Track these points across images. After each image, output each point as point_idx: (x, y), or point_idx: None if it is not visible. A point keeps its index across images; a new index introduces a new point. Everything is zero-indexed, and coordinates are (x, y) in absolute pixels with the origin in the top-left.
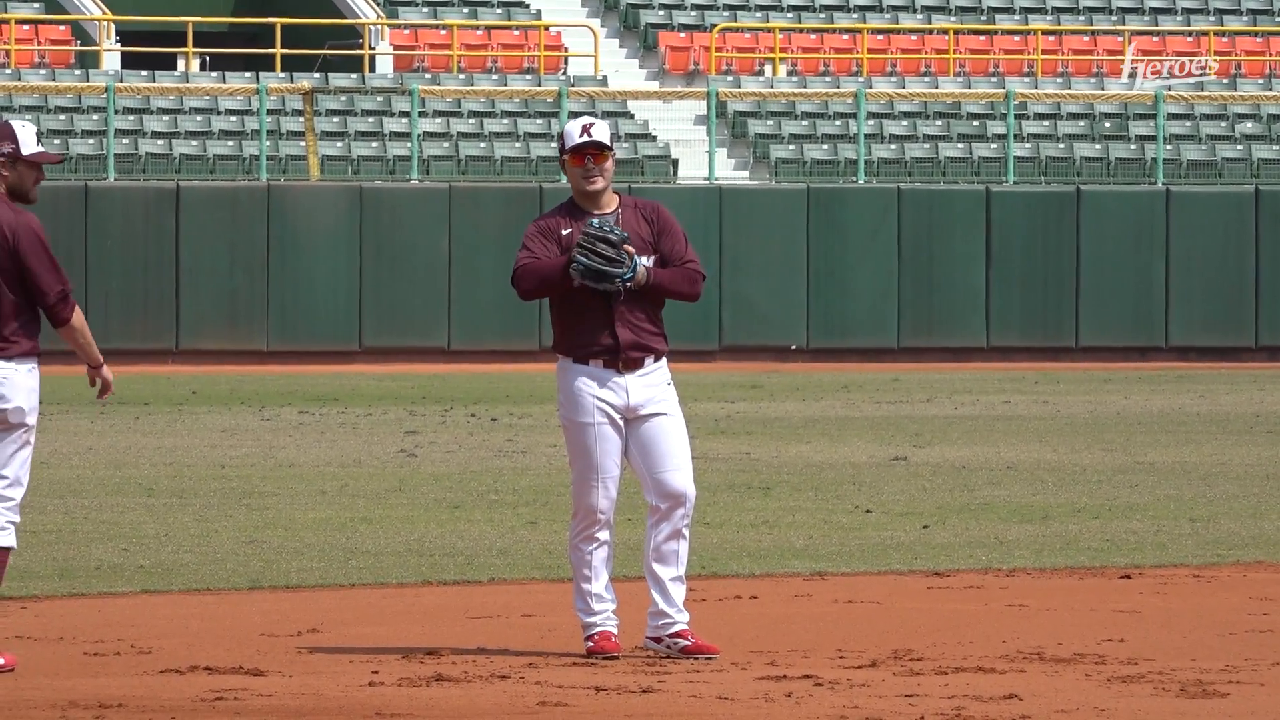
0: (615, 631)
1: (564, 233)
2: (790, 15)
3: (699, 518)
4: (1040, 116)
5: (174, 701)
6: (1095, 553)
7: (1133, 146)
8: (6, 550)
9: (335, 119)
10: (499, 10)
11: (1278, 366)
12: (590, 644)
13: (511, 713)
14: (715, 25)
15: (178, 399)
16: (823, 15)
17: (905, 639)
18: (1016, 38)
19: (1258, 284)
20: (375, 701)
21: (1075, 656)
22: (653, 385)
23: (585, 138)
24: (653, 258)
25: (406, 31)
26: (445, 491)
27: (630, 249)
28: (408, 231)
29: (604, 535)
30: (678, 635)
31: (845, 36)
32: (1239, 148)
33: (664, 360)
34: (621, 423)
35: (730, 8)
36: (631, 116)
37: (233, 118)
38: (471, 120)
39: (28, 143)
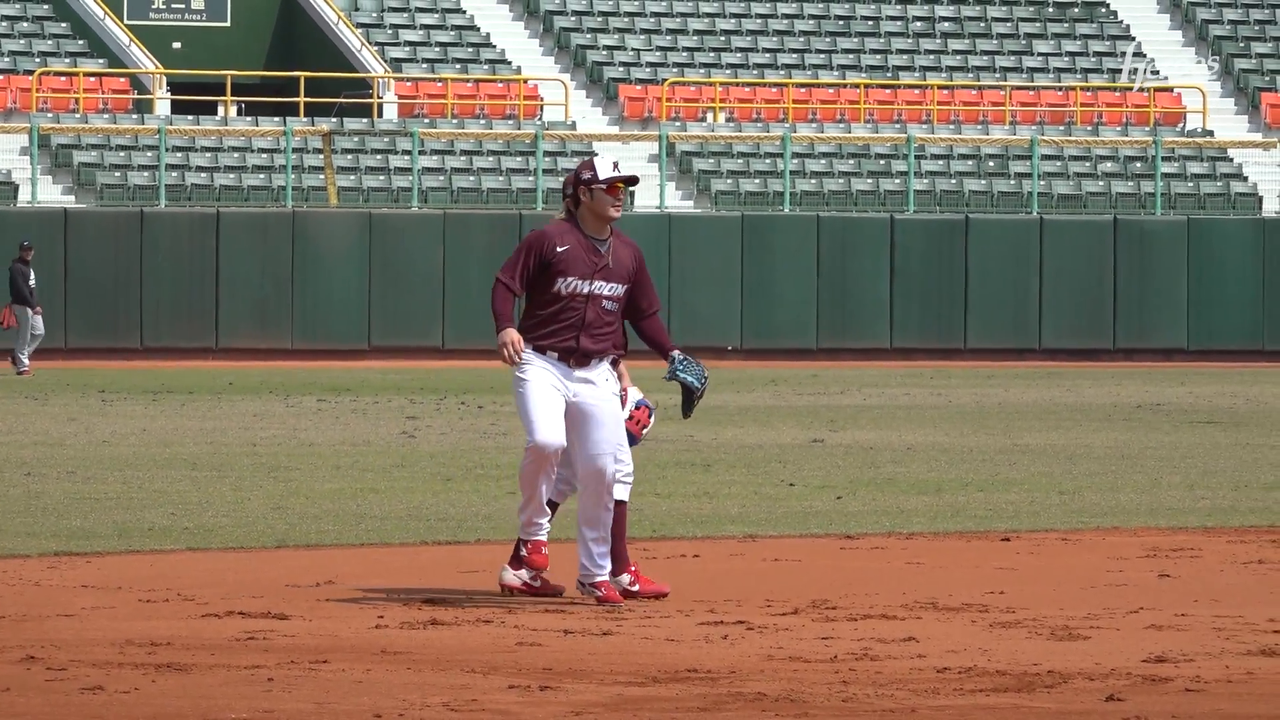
0: (545, 541)
1: (559, 249)
2: (728, 71)
3: (650, 489)
4: (935, 157)
5: (214, 640)
6: (980, 519)
7: (1012, 182)
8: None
9: (349, 156)
10: (486, 66)
11: (1132, 365)
12: (524, 552)
13: (495, 651)
14: (666, 80)
15: (217, 389)
16: (755, 71)
17: (822, 591)
18: (916, 91)
19: (1115, 297)
20: (381, 641)
21: (963, 606)
22: (594, 377)
23: (617, 172)
24: (626, 287)
25: (409, 84)
26: (439, 466)
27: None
28: (409, 250)
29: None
30: (595, 585)
31: (774, 89)
32: (1100, 183)
33: (607, 361)
34: (563, 389)
35: (679, 65)
36: (596, 155)
37: (264, 155)
38: (463, 158)
39: (603, 170)
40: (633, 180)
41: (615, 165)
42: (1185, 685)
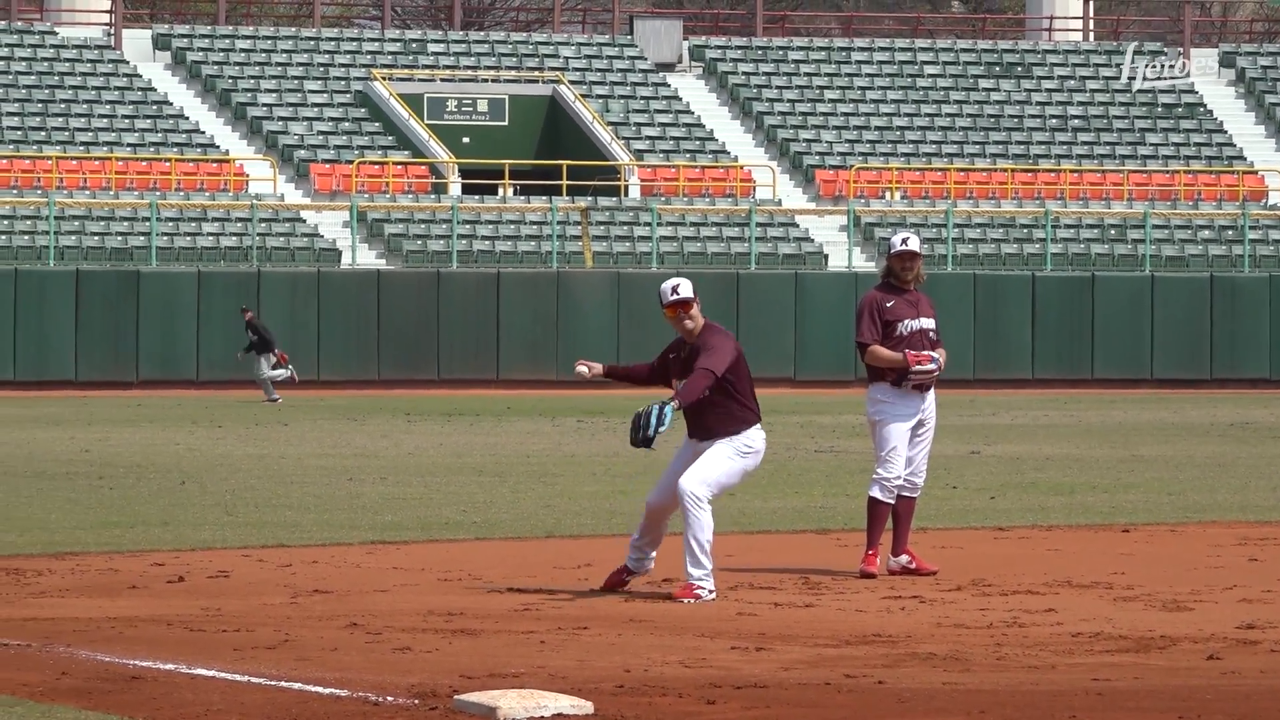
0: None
1: (679, 355)
2: (903, 159)
3: (841, 491)
4: (1068, 226)
5: (496, 611)
6: (1105, 514)
7: (1129, 245)
8: (873, 500)
9: (602, 227)
10: (710, 155)
11: (1228, 392)
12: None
13: (720, 620)
14: (853, 165)
15: (498, 411)
16: (924, 159)
17: (979, 572)
18: (1052, 174)
19: (1212, 337)
20: (630, 611)
21: (1092, 583)
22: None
23: (674, 296)
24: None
25: (649, 169)
26: None
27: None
28: (650, 301)
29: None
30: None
31: (939, 173)
32: (1200, 247)
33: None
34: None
35: (863, 153)
36: (797, 225)
37: (534, 226)
38: (691, 228)
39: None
40: (915, 254)
41: (675, 289)
42: (1271, 647)
